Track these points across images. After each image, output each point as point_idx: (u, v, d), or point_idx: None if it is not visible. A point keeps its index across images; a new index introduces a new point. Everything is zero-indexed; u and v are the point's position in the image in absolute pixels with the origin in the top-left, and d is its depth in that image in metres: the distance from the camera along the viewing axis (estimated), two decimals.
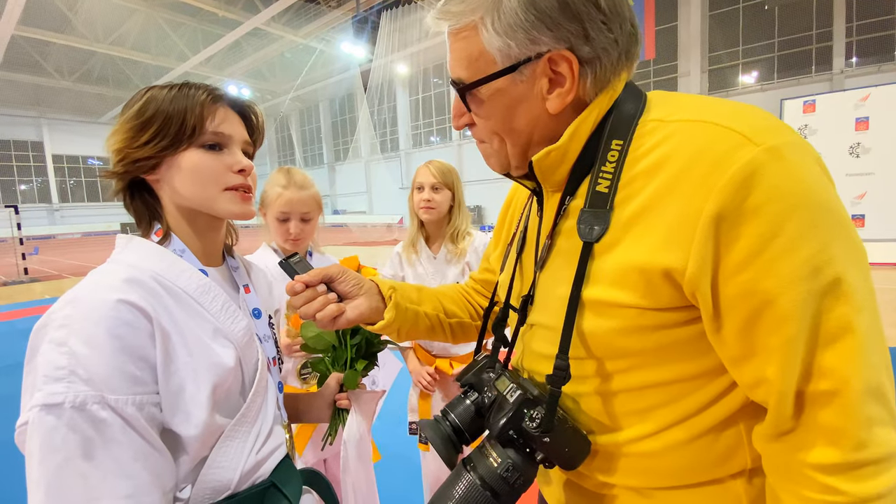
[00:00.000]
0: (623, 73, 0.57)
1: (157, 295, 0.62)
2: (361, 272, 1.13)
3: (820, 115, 8.36)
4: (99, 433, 0.54)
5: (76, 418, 0.53)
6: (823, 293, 0.44)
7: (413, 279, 1.73)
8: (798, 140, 0.48)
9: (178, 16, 20.35)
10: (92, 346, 0.55)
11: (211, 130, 0.70)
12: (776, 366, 0.47)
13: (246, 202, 0.74)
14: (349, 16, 19.44)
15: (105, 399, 0.54)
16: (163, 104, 0.68)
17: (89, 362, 0.54)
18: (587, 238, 0.55)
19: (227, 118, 0.72)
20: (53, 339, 0.56)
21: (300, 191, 1.39)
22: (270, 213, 1.40)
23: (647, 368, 0.55)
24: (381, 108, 25.35)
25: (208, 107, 0.70)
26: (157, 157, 0.68)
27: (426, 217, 1.67)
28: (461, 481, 0.56)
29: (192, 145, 0.69)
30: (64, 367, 0.54)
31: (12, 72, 22.44)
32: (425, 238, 1.75)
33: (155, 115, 0.67)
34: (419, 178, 1.68)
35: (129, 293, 0.59)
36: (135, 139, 0.68)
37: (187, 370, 0.62)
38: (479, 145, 0.65)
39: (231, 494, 0.67)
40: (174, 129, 0.67)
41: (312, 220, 1.44)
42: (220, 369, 0.65)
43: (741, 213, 0.45)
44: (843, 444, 0.45)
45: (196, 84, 0.71)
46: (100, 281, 0.61)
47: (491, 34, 0.54)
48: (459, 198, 1.70)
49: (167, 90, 0.69)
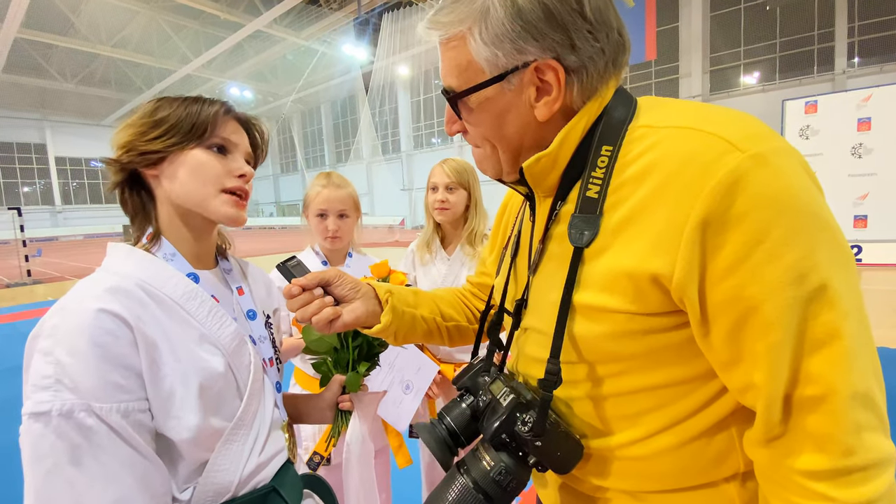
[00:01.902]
0: (611, 81, 0.57)
1: (141, 302, 0.63)
2: (391, 277, 1.14)
3: (822, 115, 8.32)
4: (86, 440, 0.55)
5: (63, 426, 0.54)
6: (809, 299, 0.45)
7: (425, 280, 1.70)
8: (784, 146, 0.48)
9: (181, 18, 20.45)
10: (75, 356, 0.56)
11: (220, 135, 0.73)
12: (763, 371, 0.47)
13: (240, 208, 0.75)
14: (351, 18, 19.49)
15: (91, 407, 0.55)
16: (177, 108, 0.71)
17: (74, 371, 0.55)
18: (577, 243, 0.55)
19: (237, 130, 0.77)
20: (42, 348, 0.57)
21: (337, 189, 1.50)
22: (311, 212, 1.50)
23: (637, 373, 0.56)
24: (382, 109, 25.43)
25: (221, 117, 0.74)
26: (164, 152, 0.70)
27: (441, 218, 1.64)
28: (455, 484, 0.57)
29: (199, 145, 0.72)
30: (50, 375, 0.55)
31: (15, 74, 22.54)
32: (441, 239, 1.71)
33: (168, 116, 0.71)
34: (433, 178, 1.65)
35: (111, 302, 0.60)
36: (146, 134, 0.70)
37: (176, 376, 0.63)
38: (473, 150, 0.66)
39: (232, 498, 0.67)
40: (185, 128, 0.70)
41: (350, 218, 1.52)
42: (207, 374, 0.65)
43: (727, 219, 0.45)
44: (832, 450, 0.45)
45: (209, 99, 0.75)
46: (85, 290, 0.62)
47: (479, 44, 0.54)
48: (476, 197, 1.65)
49: (181, 100, 0.73)
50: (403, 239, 17.53)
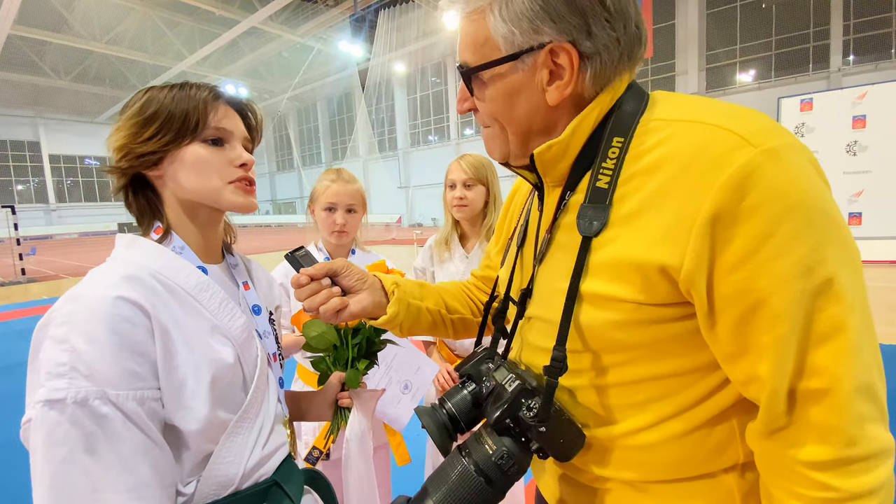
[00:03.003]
0: (625, 74, 0.58)
1: (155, 292, 0.63)
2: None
3: (817, 113, 8.37)
4: (101, 428, 0.55)
5: (78, 413, 0.54)
6: (816, 293, 0.45)
7: (442, 276, 1.68)
8: (795, 142, 0.49)
9: (176, 15, 20.31)
10: (92, 343, 0.56)
11: (213, 126, 0.72)
12: (768, 364, 0.48)
13: (249, 194, 0.75)
14: (347, 15, 19.42)
15: (106, 394, 0.55)
16: (165, 101, 0.69)
17: (90, 358, 0.55)
18: (586, 232, 0.55)
19: (228, 115, 0.74)
20: (55, 336, 0.56)
21: (347, 184, 1.52)
22: (318, 206, 1.52)
23: (642, 362, 0.56)
24: (378, 107, 25.38)
25: (210, 104, 0.72)
26: (160, 152, 0.69)
27: (459, 215, 1.62)
28: (456, 466, 0.57)
29: (194, 140, 0.70)
30: (65, 363, 0.55)
31: (8, 71, 22.37)
32: (460, 236, 1.69)
33: (158, 112, 0.69)
34: (451, 175, 1.62)
35: (128, 290, 0.60)
36: (138, 135, 0.69)
37: (188, 366, 0.63)
38: (483, 130, 0.66)
39: (235, 491, 0.67)
40: (177, 124, 0.69)
41: (357, 214, 1.54)
42: (219, 365, 0.65)
43: (737, 213, 0.46)
44: (835, 440, 0.46)
45: (196, 83, 0.73)
46: (99, 279, 0.61)
47: (497, 20, 0.55)
48: (495, 193, 1.61)
49: (167, 90, 0.71)
50: (400, 237, 17.50)
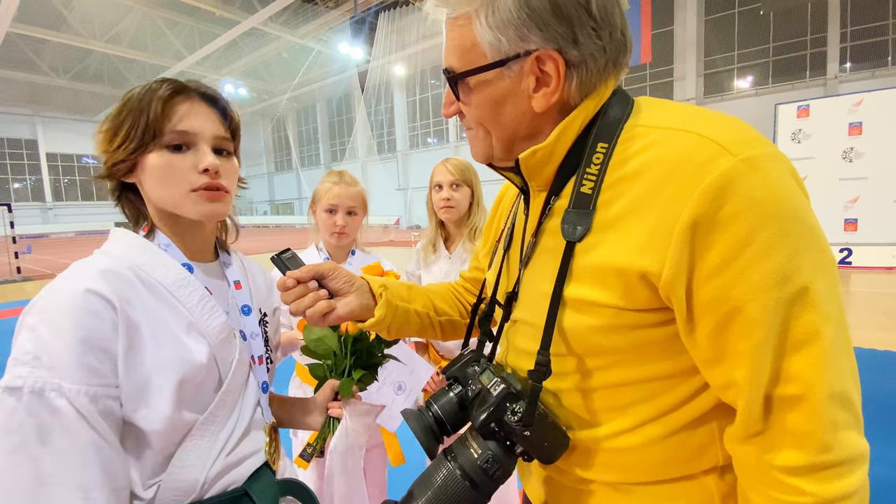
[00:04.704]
0: (610, 81, 0.58)
1: (132, 286, 0.63)
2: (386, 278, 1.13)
3: (814, 119, 8.40)
4: (55, 420, 0.55)
5: (34, 403, 0.54)
6: (791, 301, 0.46)
7: (428, 278, 1.72)
8: (774, 152, 0.50)
9: (175, 14, 20.30)
10: (55, 333, 0.56)
11: (172, 130, 0.67)
12: (745, 370, 0.48)
13: (213, 201, 0.70)
14: (347, 16, 19.43)
15: (62, 387, 0.55)
16: (131, 104, 0.67)
17: (52, 349, 0.56)
18: (570, 237, 0.56)
19: (192, 112, 0.69)
20: (27, 324, 0.58)
21: (348, 187, 1.53)
22: (320, 208, 1.52)
23: (624, 366, 0.57)
24: (378, 109, 25.38)
25: (167, 103, 0.67)
26: (129, 160, 0.68)
27: (446, 216, 1.66)
28: (441, 470, 0.57)
29: (156, 147, 0.68)
30: (30, 351, 0.56)
31: (7, 69, 22.31)
32: (444, 238, 1.73)
33: (126, 117, 0.67)
34: (437, 177, 1.66)
35: (100, 283, 0.60)
36: (111, 142, 0.68)
37: (154, 363, 0.62)
38: (467, 132, 0.66)
39: (198, 499, 0.65)
40: (140, 130, 0.66)
41: (357, 216, 1.55)
42: (189, 365, 0.65)
43: (716, 221, 0.47)
44: (809, 446, 0.47)
45: (164, 79, 0.69)
46: (77, 270, 0.62)
47: (483, 27, 0.55)
48: (479, 195, 1.68)
49: (139, 90, 0.68)
50: (399, 238, 17.49)
